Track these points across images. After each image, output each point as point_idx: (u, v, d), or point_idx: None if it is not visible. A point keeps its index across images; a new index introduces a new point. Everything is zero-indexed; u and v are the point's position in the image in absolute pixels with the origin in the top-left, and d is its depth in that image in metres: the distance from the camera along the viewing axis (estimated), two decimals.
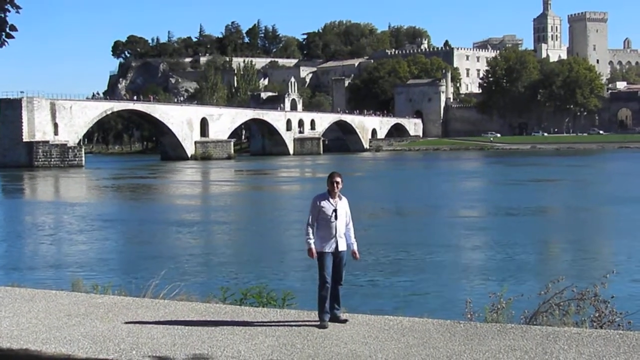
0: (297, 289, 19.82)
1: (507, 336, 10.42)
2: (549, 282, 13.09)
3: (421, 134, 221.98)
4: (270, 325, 11.30)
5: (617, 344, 9.83)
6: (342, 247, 11.67)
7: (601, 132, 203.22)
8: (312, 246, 11.58)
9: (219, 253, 35.51)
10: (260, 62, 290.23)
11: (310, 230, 11.66)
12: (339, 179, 11.59)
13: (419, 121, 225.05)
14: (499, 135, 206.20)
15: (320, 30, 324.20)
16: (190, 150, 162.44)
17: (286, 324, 11.42)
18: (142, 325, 11.45)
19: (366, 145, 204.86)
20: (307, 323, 11.42)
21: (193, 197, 71.93)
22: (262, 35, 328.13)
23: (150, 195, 74.62)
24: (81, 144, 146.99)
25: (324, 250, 11.57)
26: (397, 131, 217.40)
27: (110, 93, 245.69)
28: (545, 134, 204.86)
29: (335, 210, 11.54)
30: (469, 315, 12.64)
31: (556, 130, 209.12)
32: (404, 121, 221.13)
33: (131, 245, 39.06)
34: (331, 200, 11.60)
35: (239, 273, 29.00)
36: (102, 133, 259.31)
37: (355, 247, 11.86)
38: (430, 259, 32.37)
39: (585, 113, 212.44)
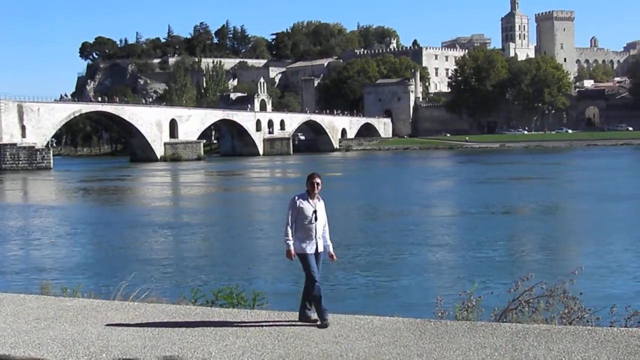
0: (268, 290, 19.81)
1: (477, 334, 10.45)
2: (519, 280, 13.13)
3: (391, 134, 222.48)
4: (241, 326, 11.27)
5: (585, 340, 9.90)
6: (321, 248, 11.66)
7: (569, 130, 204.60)
8: (291, 247, 11.55)
9: (189, 255, 35.37)
10: (229, 63, 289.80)
11: (290, 232, 11.61)
12: (319, 180, 11.58)
13: (388, 121, 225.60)
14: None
15: (289, 31, 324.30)
16: (159, 151, 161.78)
17: (257, 324, 11.38)
18: (112, 327, 11.37)
19: (336, 145, 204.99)
20: (277, 323, 11.40)
21: (163, 199, 71.65)
22: (231, 35, 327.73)
23: (119, 198, 74.22)
24: (49, 146, 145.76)
25: (306, 252, 11.55)
26: (367, 131, 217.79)
27: (79, 95, 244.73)
28: (526, 132, 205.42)
29: (315, 212, 11.53)
30: (439, 314, 12.67)
31: (526, 128, 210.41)
32: (373, 121, 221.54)
33: (101, 248, 38.81)
34: (311, 201, 11.58)
35: (210, 274, 28.91)
36: (70, 135, 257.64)
37: (331, 249, 11.85)
38: (401, 258, 32.46)
39: (553, 111, 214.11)
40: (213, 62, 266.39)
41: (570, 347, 9.62)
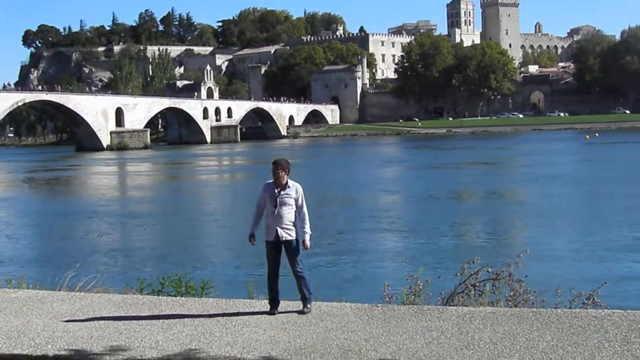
0: (216, 278, 19.75)
1: (424, 317, 10.53)
2: (465, 264, 13.22)
3: (338, 120, 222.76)
4: (189, 315, 11.23)
5: (530, 322, 10.03)
6: (285, 236, 11.48)
7: (520, 115, 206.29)
8: (252, 232, 11.58)
9: (137, 245, 35.17)
10: (175, 51, 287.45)
11: (253, 218, 11.65)
12: (279, 168, 11.44)
13: (335, 107, 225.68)
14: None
15: (236, 18, 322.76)
16: (105, 140, 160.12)
17: (205, 312, 11.35)
18: (57, 318, 11.26)
19: (284, 132, 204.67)
20: (225, 312, 11.37)
21: (109, 189, 71.04)
22: (177, 23, 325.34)
23: (65, 188, 73.43)
24: None
25: (265, 239, 11.54)
26: (314, 117, 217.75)
27: (22, 84, 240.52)
28: (496, 117, 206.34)
29: (276, 199, 11.47)
30: (387, 299, 12.73)
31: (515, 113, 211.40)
32: (321, 107, 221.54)
33: (46, 239, 38.41)
34: (276, 189, 11.50)
35: (157, 264, 28.77)
36: (14, 125, 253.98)
37: (306, 237, 11.61)
38: (348, 244, 32.60)
39: (499, 97, 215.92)
40: (159, 49, 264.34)
41: (516, 328, 9.75)
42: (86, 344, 9.82)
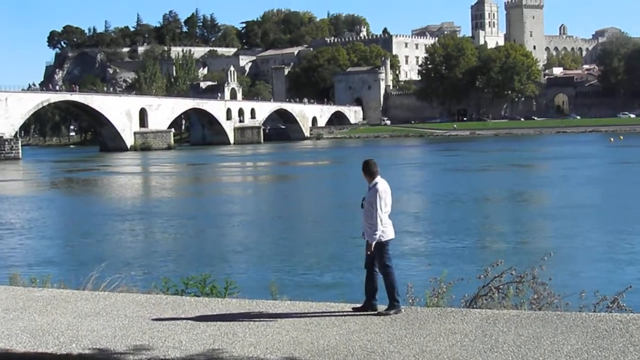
0: (239, 279, 19.79)
1: (448, 320, 10.51)
2: (489, 266, 13.18)
3: (362, 122, 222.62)
4: (212, 315, 11.26)
5: (554, 325, 9.98)
6: (367, 236, 11.49)
7: (535, 118, 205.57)
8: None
9: (161, 245, 35.28)
10: (199, 52, 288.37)
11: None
12: (365, 168, 11.67)
13: (359, 109, 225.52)
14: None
15: (259, 19, 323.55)
16: (129, 141, 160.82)
17: (228, 313, 11.37)
18: (82, 317, 11.32)
19: (307, 133, 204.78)
20: (249, 312, 11.39)
21: (133, 189, 71.33)
22: (201, 24, 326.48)
23: (89, 188, 73.80)
24: (17, 136, 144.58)
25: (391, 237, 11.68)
26: (337, 119, 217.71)
27: (47, 84, 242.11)
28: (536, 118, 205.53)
29: (363, 199, 11.55)
30: (410, 300, 12.71)
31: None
32: (344, 109, 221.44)
33: (71, 239, 38.60)
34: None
35: (181, 264, 28.86)
36: (39, 125, 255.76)
37: (370, 238, 11.44)
38: None
39: (522, 99, 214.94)
40: (183, 50, 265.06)
41: (540, 332, 9.70)
42: (110, 342, 9.87)
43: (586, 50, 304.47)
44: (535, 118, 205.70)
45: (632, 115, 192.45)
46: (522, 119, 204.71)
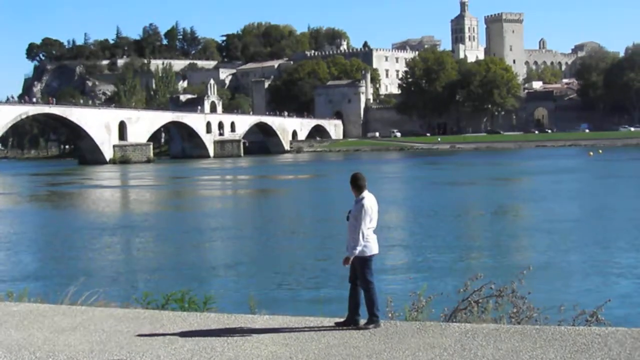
0: (218, 294, 19.71)
1: (427, 334, 10.50)
2: (468, 280, 13.18)
3: (342, 135, 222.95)
4: (191, 330, 11.20)
5: (533, 339, 10.00)
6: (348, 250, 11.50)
7: (501, 132, 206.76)
8: None
9: (139, 260, 35.12)
10: (179, 64, 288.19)
11: None
12: (351, 182, 11.78)
13: (339, 122, 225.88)
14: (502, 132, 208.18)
15: (240, 32, 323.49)
16: (108, 154, 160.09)
17: (207, 327, 11.32)
18: (58, 332, 11.22)
19: (287, 147, 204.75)
20: (228, 326, 11.34)
21: (113, 203, 71.04)
22: (181, 37, 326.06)
23: (69, 202, 73.37)
24: None
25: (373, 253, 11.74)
26: (317, 132, 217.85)
27: (25, 97, 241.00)
28: (541, 132, 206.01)
29: (349, 212, 11.64)
30: (389, 314, 12.69)
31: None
32: (324, 122, 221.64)
33: (49, 253, 38.36)
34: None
35: (160, 279, 28.68)
36: (17, 138, 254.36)
37: (350, 252, 11.44)
38: None
39: (502, 113, 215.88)
40: (162, 63, 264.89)
41: (519, 346, 9.71)
42: (87, 357, 9.80)
43: (565, 65, 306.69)
44: (501, 132, 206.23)
45: (632, 129, 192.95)
46: (485, 134, 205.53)
